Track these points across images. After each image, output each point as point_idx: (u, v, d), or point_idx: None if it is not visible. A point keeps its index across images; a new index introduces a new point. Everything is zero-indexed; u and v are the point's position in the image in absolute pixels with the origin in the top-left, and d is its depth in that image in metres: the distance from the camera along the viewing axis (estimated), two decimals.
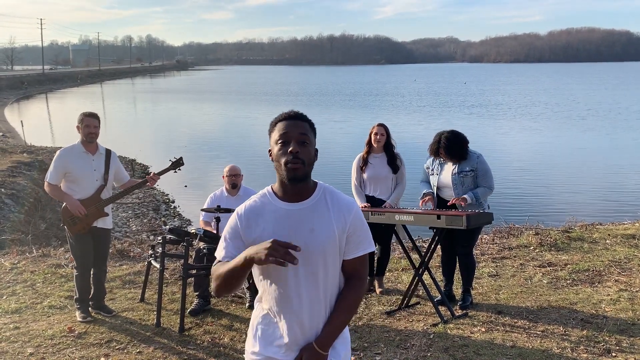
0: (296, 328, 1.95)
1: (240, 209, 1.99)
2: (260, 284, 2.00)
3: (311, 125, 1.97)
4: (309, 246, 1.90)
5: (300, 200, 1.94)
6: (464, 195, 4.86)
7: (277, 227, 1.92)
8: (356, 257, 1.98)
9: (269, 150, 1.96)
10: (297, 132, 1.90)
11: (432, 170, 5.14)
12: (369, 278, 5.29)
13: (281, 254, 1.72)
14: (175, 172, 5.09)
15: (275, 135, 1.92)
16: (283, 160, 1.88)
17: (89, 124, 4.71)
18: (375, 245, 5.42)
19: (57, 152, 4.76)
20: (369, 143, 5.42)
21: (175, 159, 5.04)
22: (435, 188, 5.10)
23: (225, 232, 1.99)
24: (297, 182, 1.90)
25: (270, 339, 1.99)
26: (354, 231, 1.96)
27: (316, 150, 1.97)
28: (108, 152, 4.88)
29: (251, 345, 2.03)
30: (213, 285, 1.94)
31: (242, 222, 1.95)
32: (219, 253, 1.97)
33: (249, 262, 1.80)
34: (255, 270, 1.99)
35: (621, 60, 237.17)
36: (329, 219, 1.93)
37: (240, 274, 1.85)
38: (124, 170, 5.10)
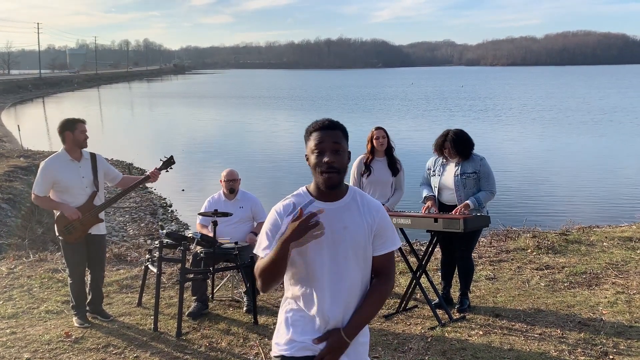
0: (326, 320, 2.06)
1: (278, 206, 2.12)
2: (292, 278, 2.11)
3: (344, 132, 2.12)
4: (343, 242, 2.06)
5: (334, 200, 2.10)
6: (467, 201, 4.84)
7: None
8: (384, 254, 2.15)
9: (306, 156, 2.12)
10: (331, 141, 2.05)
11: (434, 171, 5.08)
12: None
13: (307, 222, 1.89)
14: (167, 171, 5.08)
15: (312, 144, 2.08)
16: (319, 170, 2.05)
17: (84, 129, 4.69)
18: None
19: (42, 163, 4.66)
20: (371, 149, 5.33)
21: (166, 158, 5.04)
22: (436, 190, 5.07)
23: (265, 229, 2.10)
24: (333, 189, 2.08)
25: (304, 329, 2.09)
26: (381, 229, 2.13)
27: (349, 154, 2.12)
28: (93, 156, 4.80)
29: (283, 335, 2.12)
30: (259, 282, 2.06)
31: (284, 217, 2.04)
32: (262, 251, 2.07)
33: (285, 248, 1.93)
34: (289, 265, 2.07)
35: (617, 64, 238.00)
36: (361, 218, 2.10)
37: (282, 263, 1.98)
38: (114, 169, 5.06)
